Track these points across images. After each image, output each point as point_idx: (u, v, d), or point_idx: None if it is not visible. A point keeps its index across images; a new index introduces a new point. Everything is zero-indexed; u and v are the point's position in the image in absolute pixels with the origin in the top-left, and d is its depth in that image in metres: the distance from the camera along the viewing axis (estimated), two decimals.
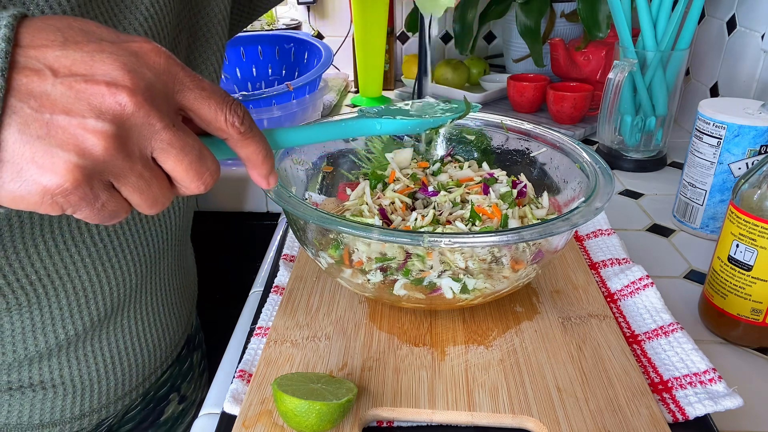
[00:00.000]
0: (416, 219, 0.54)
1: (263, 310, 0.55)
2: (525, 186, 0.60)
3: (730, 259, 0.52)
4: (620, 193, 0.84)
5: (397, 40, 1.39)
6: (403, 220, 0.55)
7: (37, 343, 0.48)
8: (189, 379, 0.66)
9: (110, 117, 0.28)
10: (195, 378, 0.68)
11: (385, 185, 0.60)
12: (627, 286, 0.56)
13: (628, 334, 0.52)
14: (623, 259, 0.60)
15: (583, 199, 0.47)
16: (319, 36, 1.43)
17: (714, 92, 0.98)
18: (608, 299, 0.56)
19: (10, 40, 0.27)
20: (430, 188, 0.59)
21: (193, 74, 0.31)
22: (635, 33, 0.85)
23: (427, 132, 0.55)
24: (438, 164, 0.65)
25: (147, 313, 0.57)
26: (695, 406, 0.43)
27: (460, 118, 0.48)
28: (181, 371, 0.64)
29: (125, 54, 0.29)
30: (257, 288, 0.63)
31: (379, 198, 0.58)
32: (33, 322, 0.47)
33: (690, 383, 0.45)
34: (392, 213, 0.57)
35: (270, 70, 1.21)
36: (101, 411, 0.54)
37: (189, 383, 0.66)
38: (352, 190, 0.61)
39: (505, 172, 0.63)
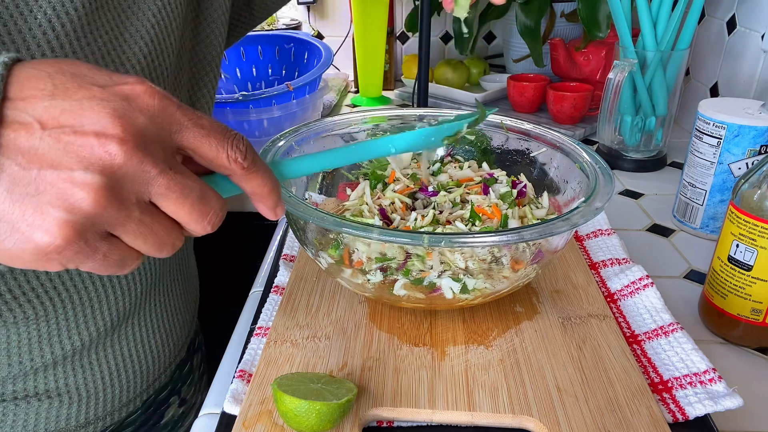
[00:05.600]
0: (416, 219, 0.54)
1: (263, 310, 0.55)
2: (525, 186, 0.60)
3: (730, 259, 0.52)
4: (620, 193, 0.84)
5: (397, 40, 1.39)
6: (403, 219, 0.55)
7: (43, 354, 0.48)
8: (189, 382, 0.66)
9: (99, 168, 0.27)
10: (195, 381, 0.68)
11: (385, 185, 0.60)
12: (627, 286, 0.56)
13: (628, 334, 0.52)
14: (623, 259, 0.60)
15: (583, 199, 0.47)
16: (319, 36, 1.43)
17: (714, 92, 0.98)
18: (608, 299, 0.56)
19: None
20: (430, 188, 0.59)
21: (190, 112, 0.30)
22: (635, 33, 0.85)
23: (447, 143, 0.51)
24: (438, 164, 0.65)
25: (152, 321, 0.57)
26: (695, 406, 0.43)
27: (475, 123, 0.46)
28: (182, 374, 0.64)
29: (116, 99, 0.28)
30: (257, 288, 0.63)
31: (379, 198, 0.58)
32: (39, 334, 0.47)
33: (690, 383, 0.45)
34: (392, 213, 0.57)
35: (270, 70, 1.21)
36: (106, 418, 0.54)
37: (189, 386, 0.66)
38: (352, 190, 0.61)
39: (505, 172, 0.63)
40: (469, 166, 0.64)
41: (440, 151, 0.67)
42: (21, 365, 0.48)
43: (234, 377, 0.47)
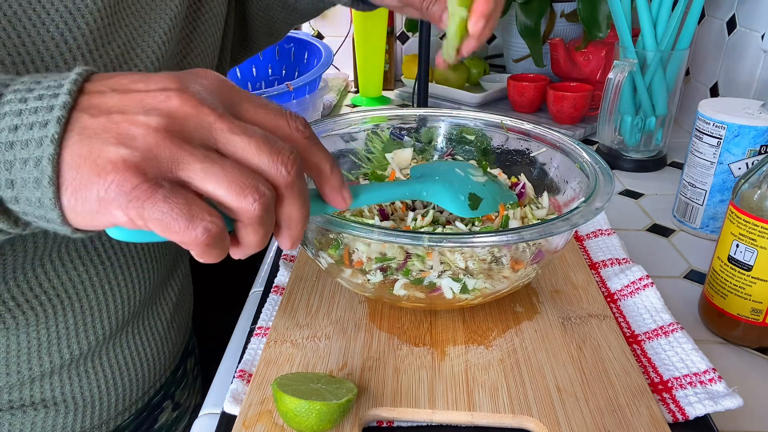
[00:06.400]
0: (415, 219, 0.54)
1: (263, 310, 0.55)
2: (524, 186, 0.60)
3: (730, 259, 0.52)
4: (620, 193, 0.84)
5: (397, 40, 1.39)
6: (402, 220, 0.55)
7: (41, 363, 0.48)
8: (183, 386, 0.66)
9: (158, 112, 0.29)
10: (189, 384, 0.67)
11: None
12: (627, 286, 0.56)
13: (628, 334, 0.52)
14: (623, 259, 0.60)
15: (583, 199, 0.47)
16: (319, 36, 1.43)
17: (714, 92, 0.98)
18: (608, 299, 0.56)
19: (82, 75, 0.30)
20: None
21: (246, 91, 0.32)
22: (635, 33, 0.85)
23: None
24: None
25: (149, 328, 0.56)
26: (695, 406, 0.43)
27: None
28: (175, 379, 0.64)
29: (178, 73, 0.31)
30: (257, 288, 0.62)
31: None
32: (39, 342, 0.47)
33: (690, 383, 0.45)
34: (392, 213, 0.57)
35: (270, 70, 1.21)
36: (101, 427, 0.54)
37: (183, 390, 0.66)
38: None
39: (500, 170, 0.63)
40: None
41: (440, 151, 0.67)
42: (19, 374, 0.47)
43: (234, 377, 0.47)
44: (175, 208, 0.28)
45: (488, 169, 0.64)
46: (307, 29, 1.41)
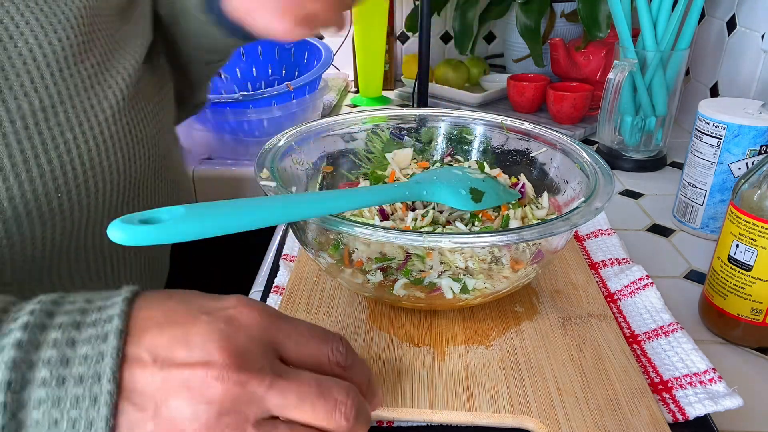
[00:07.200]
0: (415, 219, 0.54)
1: None
2: (524, 186, 0.60)
3: (730, 259, 0.52)
4: (620, 193, 0.84)
5: (397, 40, 1.39)
6: (402, 220, 0.55)
7: None
8: None
9: (207, 399, 0.27)
10: None
11: None
12: (627, 286, 0.56)
13: (628, 334, 0.52)
14: (623, 259, 0.60)
15: (583, 199, 0.47)
16: (319, 36, 1.43)
17: (714, 92, 0.98)
18: (608, 299, 0.56)
19: (121, 332, 0.27)
20: None
21: (289, 322, 0.32)
22: (635, 33, 0.85)
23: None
24: (438, 164, 0.65)
25: None
26: (695, 406, 0.43)
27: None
28: None
29: (219, 323, 0.29)
30: (257, 288, 0.62)
31: None
32: None
33: (690, 383, 0.45)
34: (392, 213, 0.57)
35: (270, 70, 1.21)
36: None
37: None
38: None
39: (499, 170, 0.63)
40: (468, 166, 0.64)
41: (440, 151, 0.67)
42: None
43: None
44: None
45: (488, 169, 0.64)
46: None
